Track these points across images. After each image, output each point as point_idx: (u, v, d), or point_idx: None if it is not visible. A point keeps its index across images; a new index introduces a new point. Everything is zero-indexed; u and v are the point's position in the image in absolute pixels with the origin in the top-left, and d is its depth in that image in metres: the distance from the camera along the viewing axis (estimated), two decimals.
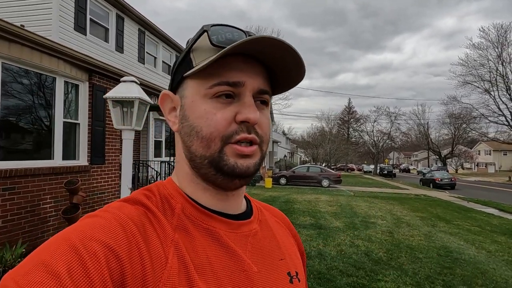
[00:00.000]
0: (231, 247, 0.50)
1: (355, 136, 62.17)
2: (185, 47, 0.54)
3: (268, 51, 0.47)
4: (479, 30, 46.74)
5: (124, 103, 3.28)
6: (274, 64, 0.50)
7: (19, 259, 3.80)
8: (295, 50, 0.47)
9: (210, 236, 0.49)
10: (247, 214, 0.58)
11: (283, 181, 21.36)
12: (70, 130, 5.73)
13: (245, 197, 0.62)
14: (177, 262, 0.43)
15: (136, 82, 3.52)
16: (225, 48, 0.45)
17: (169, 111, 0.56)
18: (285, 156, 39.69)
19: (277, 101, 39.56)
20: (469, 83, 34.94)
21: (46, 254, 0.37)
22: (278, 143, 37.24)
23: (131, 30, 10.16)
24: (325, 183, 20.63)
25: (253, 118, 0.48)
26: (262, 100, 0.52)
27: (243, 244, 0.52)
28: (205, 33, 0.50)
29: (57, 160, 5.30)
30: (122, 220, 0.43)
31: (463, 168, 60.46)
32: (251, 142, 0.50)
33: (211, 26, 0.51)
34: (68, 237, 0.39)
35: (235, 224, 0.53)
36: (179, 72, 0.53)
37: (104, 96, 3.42)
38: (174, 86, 0.55)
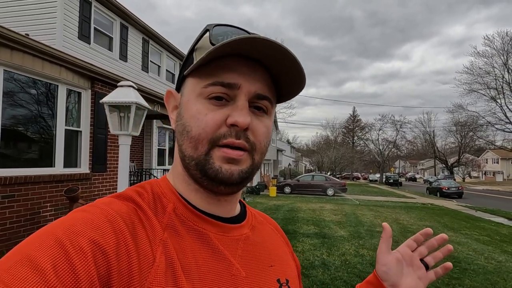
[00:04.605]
0: (220, 250, 0.49)
1: (360, 144, 62.03)
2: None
3: (267, 53, 0.46)
4: (484, 38, 46.68)
5: (121, 108, 3.24)
6: (275, 68, 0.49)
7: None
8: (291, 53, 0.45)
9: (200, 238, 0.48)
10: (240, 218, 0.57)
11: (287, 189, 21.28)
12: (72, 137, 5.72)
13: (241, 202, 0.61)
14: (164, 262, 0.42)
15: (133, 87, 3.48)
16: (215, 45, 0.44)
17: (172, 109, 0.56)
18: (289, 164, 39.52)
19: (281, 110, 39.64)
20: (475, 91, 34.82)
21: (31, 249, 0.35)
22: (283, 152, 37.15)
23: (135, 39, 10.25)
24: (330, 191, 20.53)
25: (242, 122, 0.46)
26: (258, 106, 0.50)
27: (233, 248, 0.51)
28: (207, 33, 0.51)
29: (58, 168, 5.28)
30: (111, 216, 0.42)
31: (470, 177, 59.81)
32: (239, 148, 0.48)
33: (213, 26, 0.51)
34: (54, 231, 0.38)
35: (226, 227, 0.53)
36: (182, 71, 0.54)
37: (100, 101, 3.39)
38: (178, 85, 0.55)
